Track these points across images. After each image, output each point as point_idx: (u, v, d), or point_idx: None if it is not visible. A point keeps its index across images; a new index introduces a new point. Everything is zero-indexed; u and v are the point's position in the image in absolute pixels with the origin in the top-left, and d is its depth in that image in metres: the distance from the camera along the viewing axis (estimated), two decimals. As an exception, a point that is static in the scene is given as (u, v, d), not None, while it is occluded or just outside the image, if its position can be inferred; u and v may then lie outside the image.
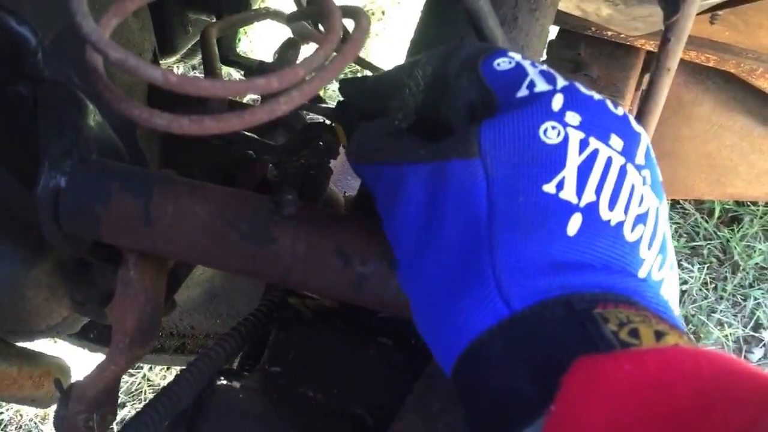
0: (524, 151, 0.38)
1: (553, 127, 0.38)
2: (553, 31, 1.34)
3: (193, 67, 2.64)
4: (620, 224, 0.38)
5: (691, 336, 0.36)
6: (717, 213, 2.43)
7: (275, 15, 1.14)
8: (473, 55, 0.44)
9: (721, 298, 2.33)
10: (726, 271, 2.37)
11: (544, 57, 1.30)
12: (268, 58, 0.95)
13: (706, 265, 2.37)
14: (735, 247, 2.37)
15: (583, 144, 0.38)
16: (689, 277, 2.35)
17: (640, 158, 0.40)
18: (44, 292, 0.79)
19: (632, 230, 0.38)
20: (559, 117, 0.39)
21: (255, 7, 1.25)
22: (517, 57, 0.43)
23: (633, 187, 0.39)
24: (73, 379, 0.78)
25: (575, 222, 0.37)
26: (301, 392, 0.59)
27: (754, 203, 2.42)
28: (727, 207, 2.44)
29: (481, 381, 0.36)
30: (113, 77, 0.79)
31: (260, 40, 2.85)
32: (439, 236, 0.39)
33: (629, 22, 0.85)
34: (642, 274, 0.38)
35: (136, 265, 0.59)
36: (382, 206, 0.44)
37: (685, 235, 2.43)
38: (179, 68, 2.58)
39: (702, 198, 1.52)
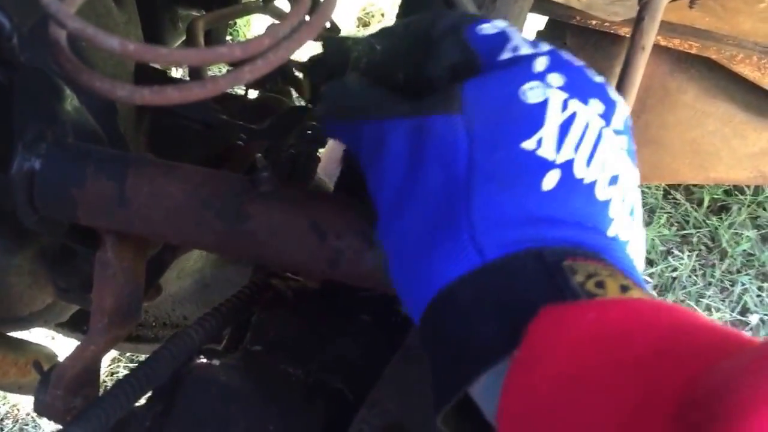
0: (506, 108, 0.39)
1: (536, 87, 0.39)
2: (541, 21, 1.34)
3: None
4: (593, 183, 0.39)
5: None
6: (706, 202, 2.45)
7: (264, 9, 1.14)
8: (458, 21, 0.45)
9: (710, 284, 2.34)
10: (714, 258, 2.39)
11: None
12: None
13: (695, 253, 2.39)
14: (723, 235, 2.39)
15: (564, 104, 0.39)
16: (679, 264, 2.36)
17: (617, 124, 0.41)
18: (27, 278, 0.79)
19: (605, 190, 0.39)
20: (541, 77, 0.40)
21: (245, 0, 1.25)
22: (502, 24, 0.44)
23: (609, 149, 0.40)
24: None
25: (552, 178, 0.38)
26: (281, 369, 0.59)
27: (742, 192, 2.44)
28: (716, 196, 2.46)
29: (448, 327, 0.37)
30: (97, 65, 0.79)
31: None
32: (418, 188, 0.40)
33: (608, 6, 0.85)
34: (611, 233, 0.39)
35: (113, 247, 0.59)
36: (365, 162, 0.45)
37: (675, 224, 2.45)
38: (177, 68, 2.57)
39: (686, 182, 1.54)
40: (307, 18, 0.40)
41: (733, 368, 0.26)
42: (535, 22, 1.44)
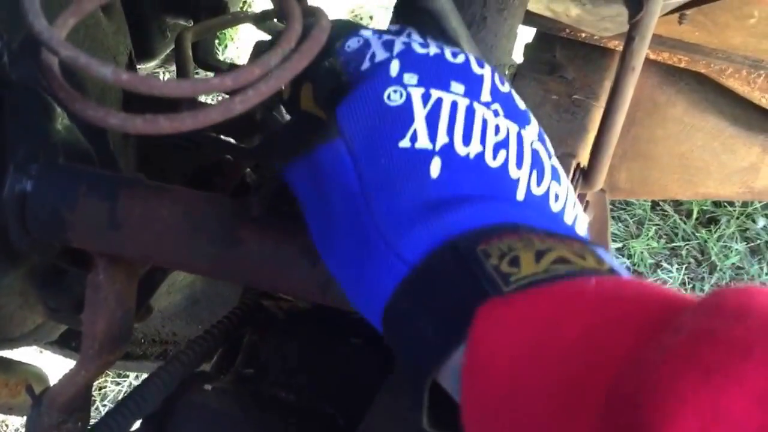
0: (375, 118, 0.41)
1: (395, 91, 0.41)
2: (531, 34, 1.35)
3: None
4: (480, 154, 0.40)
5: (583, 241, 0.38)
6: (695, 214, 2.46)
7: (253, 19, 1.14)
8: (329, 42, 0.46)
9: (699, 297, 2.35)
10: (703, 272, 2.39)
11: (520, 59, 1.31)
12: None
13: (684, 266, 2.39)
14: (712, 248, 2.39)
15: (426, 96, 0.41)
16: (668, 277, 2.37)
17: (485, 96, 0.43)
18: (17, 299, 0.79)
19: (494, 157, 0.41)
20: (398, 81, 0.42)
21: (234, 10, 1.25)
22: (367, 33, 0.46)
23: (485, 120, 0.42)
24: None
25: (436, 164, 0.39)
26: (273, 393, 0.59)
27: (731, 204, 2.45)
28: (705, 208, 2.47)
29: (399, 336, 0.38)
30: (87, 82, 0.79)
31: (247, 46, 2.84)
32: (331, 220, 0.42)
33: (598, 22, 0.86)
34: (520, 193, 0.41)
35: (105, 270, 0.59)
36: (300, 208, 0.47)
37: (664, 236, 2.45)
38: (164, 75, 2.57)
39: (675, 198, 1.54)
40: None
41: (646, 370, 0.27)
42: (525, 34, 1.45)
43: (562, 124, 1.22)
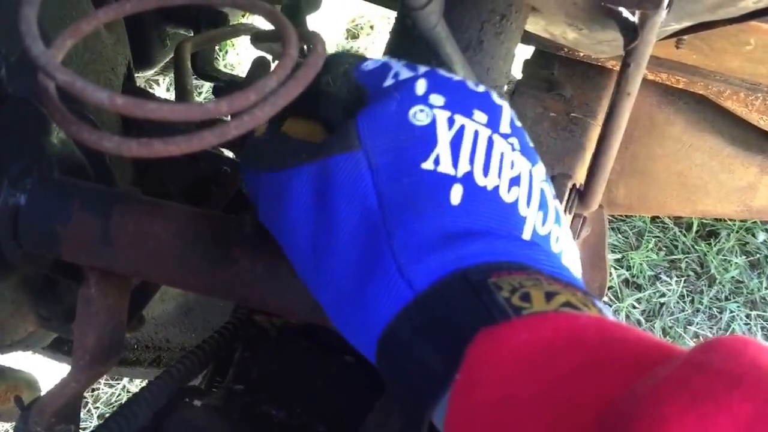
0: (399, 135, 0.41)
1: (421, 110, 0.41)
2: (529, 51, 1.35)
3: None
4: (496, 188, 0.41)
5: (585, 292, 0.39)
6: (695, 227, 2.45)
7: (252, 31, 1.14)
8: (345, 63, 0.47)
9: (698, 310, 2.34)
10: (703, 284, 2.39)
11: (519, 76, 1.31)
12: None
13: (683, 278, 2.39)
14: (712, 261, 2.39)
15: (450, 121, 0.41)
16: (667, 290, 2.36)
17: (504, 128, 0.43)
18: (9, 307, 0.79)
19: (508, 192, 0.41)
20: (424, 100, 0.42)
21: (233, 22, 1.26)
22: (384, 58, 0.46)
23: (503, 154, 0.42)
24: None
25: (457, 191, 0.40)
26: (264, 410, 0.59)
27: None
28: (705, 221, 2.47)
29: (397, 364, 0.37)
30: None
31: (247, 53, 2.85)
32: (336, 233, 0.40)
33: (595, 45, 0.86)
34: (527, 231, 0.41)
35: (97, 284, 0.59)
36: (265, 214, 0.45)
37: (664, 249, 2.45)
38: (164, 80, 2.57)
39: (673, 214, 1.55)
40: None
41: (640, 394, 0.28)
42: (523, 52, 1.45)
43: (560, 142, 1.22)
